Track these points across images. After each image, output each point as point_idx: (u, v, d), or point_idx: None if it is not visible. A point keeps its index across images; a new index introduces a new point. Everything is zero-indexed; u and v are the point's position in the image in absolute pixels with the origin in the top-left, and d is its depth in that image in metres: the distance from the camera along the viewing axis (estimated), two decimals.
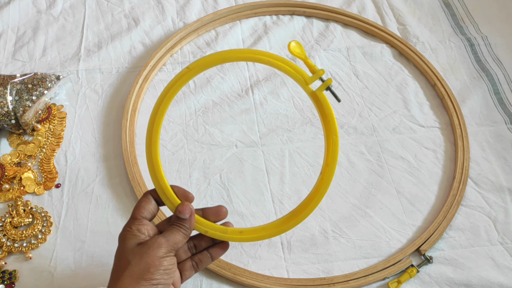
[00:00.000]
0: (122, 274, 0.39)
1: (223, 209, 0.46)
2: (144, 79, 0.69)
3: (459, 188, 0.60)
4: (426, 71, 0.72)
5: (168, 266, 0.40)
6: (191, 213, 0.43)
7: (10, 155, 0.62)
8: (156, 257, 0.40)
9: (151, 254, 0.40)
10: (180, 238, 0.42)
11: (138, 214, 0.43)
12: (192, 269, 0.46)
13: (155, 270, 0.39)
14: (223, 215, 0.46)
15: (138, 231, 0.41)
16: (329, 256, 0.55)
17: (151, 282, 0.38)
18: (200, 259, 0.46)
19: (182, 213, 0.43)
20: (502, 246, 0.56)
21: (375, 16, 0.81)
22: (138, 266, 0.39)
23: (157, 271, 0.39)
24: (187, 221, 0.43)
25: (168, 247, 0.41)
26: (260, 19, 0.79)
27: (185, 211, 0.43)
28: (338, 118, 0.67)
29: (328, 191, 0.60)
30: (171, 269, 0.40)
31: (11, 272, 0.52)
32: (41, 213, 0.57)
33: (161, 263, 0.39)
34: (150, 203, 0.44)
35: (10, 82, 0.64)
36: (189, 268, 0.46)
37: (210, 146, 0.64)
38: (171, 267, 0.40)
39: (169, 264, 0.40)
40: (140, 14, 0.79)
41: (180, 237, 0.42)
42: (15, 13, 0.78)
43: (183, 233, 0.43)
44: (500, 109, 0.69)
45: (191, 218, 0.43)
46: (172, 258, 0.41)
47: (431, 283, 0.53)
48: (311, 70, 0.44)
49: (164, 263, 0.40)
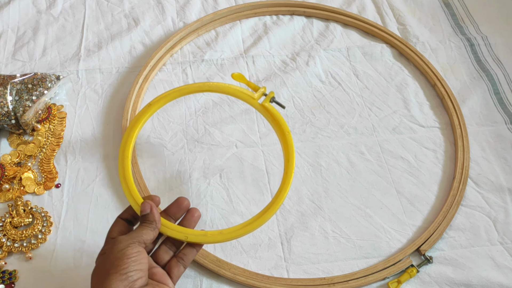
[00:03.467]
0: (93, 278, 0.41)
1: (183, 201, 0.48)
2: (144, 79, 0.69)
3: (459, 188, 0.60)
4: (426, 71, 0.72)
5: (133, 254, 0.40)
6: (151, 206, 0.45)
7: (10, 155, 0.62)
8: (117, 251, 0.41)
9: (113, 251, 0.41)
10: (145, 231, 0.43)
11: (108, 237, 0.45)
12: (180, 265, 0.46)
13: (120, 261, 0.40)
14: (184, 206, 0.48)
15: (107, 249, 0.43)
16: (329, 256, 0.55)
17: (120, 273, 0.39)
18: (184, 253, 0.47)
19: (143, 210, 0.45)
20: (502, 246, 0.56)
21: (375, 16, 0.81)
22: (104, 266, 0.40)
23: (122, 261, 0.40)
24: (150, 215, 0.45)
25: (130, 240, 0.42)
26: (260, 19, 0.79)
27: (145, 207, 0.45)
28: (338, 118, 0.67)
29: (328, 191, 0.60)
30: (138, 256, 0.40)
31: (11, 272, 0.52)
32: (41, 213, 0.57)
33: (123, 253, 0.40)
34: (120, 225, 0.46)
35: (10, 82, 0.64)
36: (176, 265, 0.46)
37: (210, 146, 0.64)
38: (136, 254, 0.40)
39: (133, 252, 0.41)
40: (140, 14, 0.79)
41: (145, 230, 0.44)
42: (15, 13, 0.78)
43: (149, 227, 0.44)
44: (500, 109, 0.69)
45: (152, 211, 0.45)
46: (135, 247, 0.41)
47: (431, 283, 0.53)
48: (254, 89, 0.53)
49: (127, 252, 0.40)
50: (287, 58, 0.74)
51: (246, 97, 0.53)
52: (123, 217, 0.47)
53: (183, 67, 0.72)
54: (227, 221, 0.57)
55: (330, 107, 0.69)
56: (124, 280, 0.38)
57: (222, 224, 0.57)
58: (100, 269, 0.41)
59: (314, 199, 0.60)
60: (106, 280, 0.38)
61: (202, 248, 0.54)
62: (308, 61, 0.73)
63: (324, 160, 0.63)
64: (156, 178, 0.61)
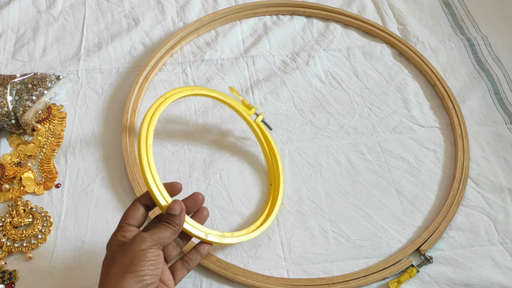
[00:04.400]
0: (108, 272, 0.40)
1: (198, 196, 0.47)
2: (144, 79, 0.69)
3: (459, 188, 0.60)
4: (426, 71, 0.72)
5: (152, 257, 0.40)
6: (182, 209, 0.44)
7: (10, 155, 0.62)
8: (138, 250, 0.40)
9: (133, 248, 0.40)
10: (167, 234, 0.43)
11: (124, 221, 0.43)
12: (184, 269, 0.47)
13: (138, 262, 0.39)
14: (200, 201, 0.48)
15: (122, 237, 0.42)
16: (329, 256, 0.55)
17: (136, 274, 0.38)
18: (190, 257, 0.47)
19: (172, 209, 0.44)
20: (502, 246, 0.56)
21: (375, 16, 0.81)
22: (122, 261, 0.39)
23: (141, 263, 0.39)
24: (177, 217, 0.44)
25: (152, 241, 0.41)
26: (260, 19, 0.79)
27: (176, 207, 0.44)
28: (338, 118, 0.67)
29: (328, 191, 0.60)
30: (156, 260, 0.40)
31: (11, 272, 0.52)
32: (41, 213, 0.57)
33: (144, 254, 0.40)
34: (137, 211, 0.44)
35: (10, 82, 0.64)
36: (181, 267, 0.46)
37: (210, 146, 0.64)
38: (155, 258, 0.40)
39: (153, 256, 0.40)
40: (140, 14, 0.79)
41: (168, 233, 0.43)
42: (15, 13, 0.78)
43: (171, 230, 0.43)
44: (500, 109, 0.69)
45: (181, 214, 0.44)
46: (156, 250, 0.41)
47: (431, 283, 0.53)
48: (248, 107, 0.63)
49: (148, 255, 0.40)
50: (287, 58, 0.74)
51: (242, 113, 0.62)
52: (142, 202, 0.45)
53: (183, 67, 0.72)
54: (227, 221, 0.57)
55: (330, 107, 0.69)
56: (138, 283, 0.38)
57: (222, 224, 0.57)
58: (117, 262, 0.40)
59: (314, 199, 0.60)
60: (122, 278, 0.38)
61: None
62: (308, 61, 0.73)
63: (324, 160, 0.63)
64: None
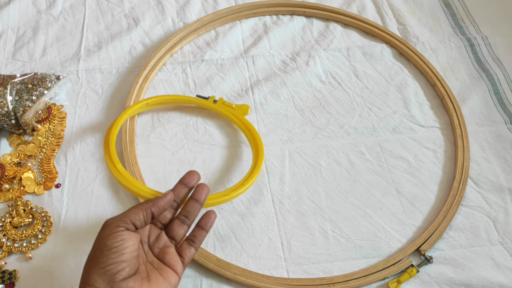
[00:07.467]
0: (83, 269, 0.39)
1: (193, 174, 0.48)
2: (144, 79, 0.69)
3: (459, 188, 0.60)
4: (426, 71, 0.72)
5: (114, 244, 0.38)
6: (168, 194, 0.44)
7: (10, 155, 0.62)
8: (99, 239, 0.39)
9: (97, 238, 0.39)
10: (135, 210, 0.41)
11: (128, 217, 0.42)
12: (191, 247, 0.46)
13: (99, 253, 0.38)
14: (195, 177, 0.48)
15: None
16: (329, 256, 0.55)
17: (99, 267, 0.37)
18: (194, 235, 0.46)
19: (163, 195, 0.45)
20: (502, 246, 0.56)
21: (375, 16, 0.81)
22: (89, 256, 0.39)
23: (101, 254, 0.38)
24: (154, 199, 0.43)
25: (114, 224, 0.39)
26: (260, 19, 0.79)
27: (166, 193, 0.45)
28: (338, 118, 0.67)
29: (328, 191, 0.60)
30: (119, 246, 0.38)
31: (11, 272, 0.52)
32: (41, 213, 0.57)
33: (104, 243, 0.38)
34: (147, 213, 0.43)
35: (10, 82, 0.64)
36: (187, 246, 0.46)
37: (210, 146, 0.64)
38: (118, 244, 0.38)
39: (114, 242, 0.38)
40: (140, 14, 0.79)
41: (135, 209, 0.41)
42: (15, 13, 0.78)
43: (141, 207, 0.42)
44: (500, 109, 0.69)
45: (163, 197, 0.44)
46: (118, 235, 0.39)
47: (431, 283, 0.53)
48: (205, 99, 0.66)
49: (107, 243, 0.38)
50: (287, 58, 0.74)
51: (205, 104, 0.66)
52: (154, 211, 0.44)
53: (183, 67, 0.72)
54: (227, 221, 0.57)
55: (330, 107, 0.69)
56: (102, 275, 0.37)
57: (222, 224, 0.57)
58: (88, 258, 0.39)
59: (314, 199, 0.60)
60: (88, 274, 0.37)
61: (202, 248, 0.54)
62: (308, 61, 0.73)
63: (324, 160, 0.63)
64: (156, 178, 0.61)
